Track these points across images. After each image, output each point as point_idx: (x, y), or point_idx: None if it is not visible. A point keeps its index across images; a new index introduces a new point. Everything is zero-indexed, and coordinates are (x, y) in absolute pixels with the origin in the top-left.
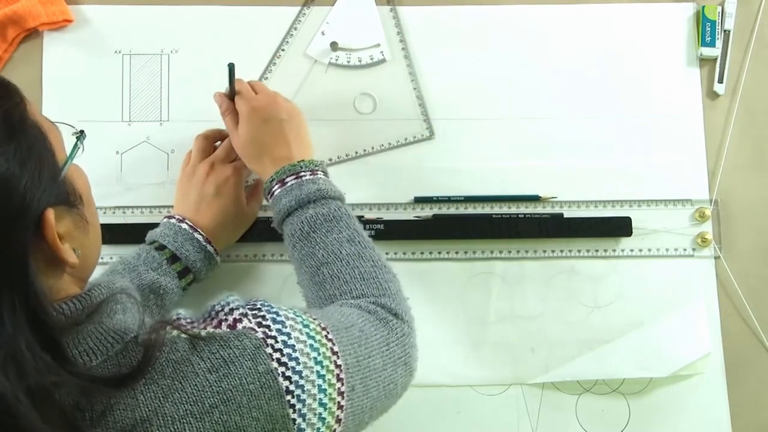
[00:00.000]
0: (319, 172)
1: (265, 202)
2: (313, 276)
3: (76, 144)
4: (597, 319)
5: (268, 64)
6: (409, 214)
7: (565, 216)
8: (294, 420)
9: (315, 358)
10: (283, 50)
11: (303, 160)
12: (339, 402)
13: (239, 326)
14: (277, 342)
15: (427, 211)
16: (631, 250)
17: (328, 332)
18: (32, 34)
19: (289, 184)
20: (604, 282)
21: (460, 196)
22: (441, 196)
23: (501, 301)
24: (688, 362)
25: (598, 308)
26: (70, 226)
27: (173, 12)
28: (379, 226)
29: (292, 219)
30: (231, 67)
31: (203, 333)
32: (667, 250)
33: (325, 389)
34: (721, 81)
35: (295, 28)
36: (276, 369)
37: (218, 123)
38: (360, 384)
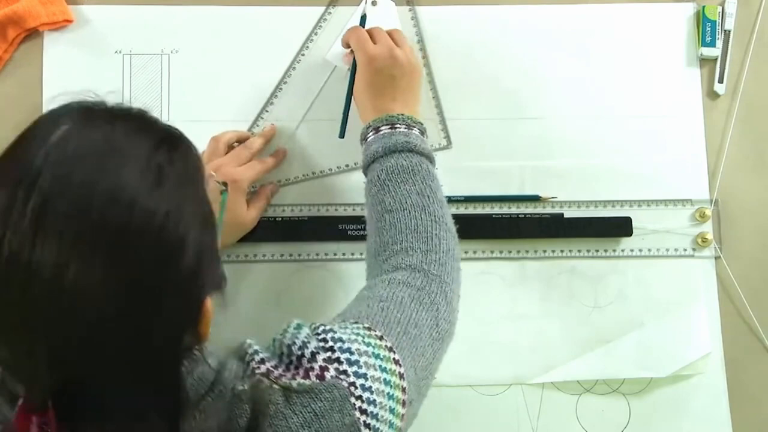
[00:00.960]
0: (415, 129)
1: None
2: (377, 222)
3: (223, 203)
4: (597, 319)
5: (288, 69)
6: None
7: (565, 216)
8: None
9: (388, 394)
10: (303, 55)
11: (403, 114)
12: (402, 415)
13: (327, 376)
14: (356, 388)
15: None
16: (632, 250)
17: (394, 353)
18: (32, 34)
19: (382, 132)
20: (604, 282)
21: (460, 196)
22: None
23: (501, 301)
24: (688, 362)
25: (598, 308)
26: (213, 305)
27: (173, 12)
28: None
29: (374, 165)
30: (363, 18)
31: (295, 384)
32: (667, 250)
33: (393, 422)
34: (721, 81)
35: (316, 33)
36: (359, 419)
37: (217, 123)
38: (416, 394)
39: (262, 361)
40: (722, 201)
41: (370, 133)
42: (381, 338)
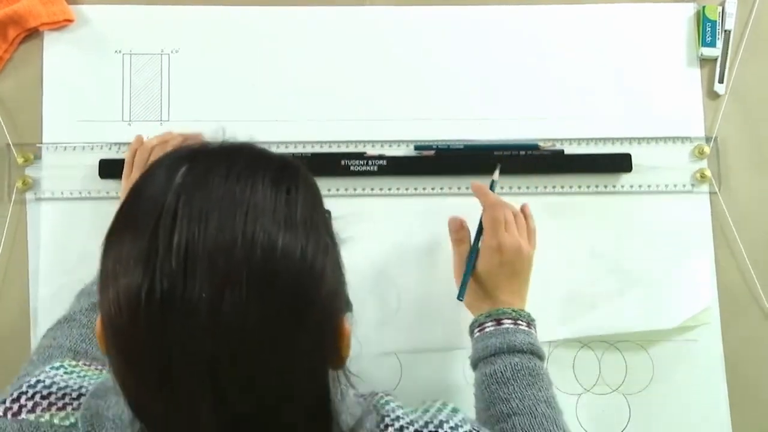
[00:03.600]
0: (533, 328)
1: None
2: (500, 422)
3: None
4: (598, 260)
5: None
6: (411, 151)
7: (565, 152)
8: None
9: None
10: None
11: (523, 311)
12: None
13: None
14: None
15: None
16: (631, 186)
17: None
18: (32, 34)
19: (504, 326)
20: (604, 217)
21: (459, 144)
22: (441, 145)
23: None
24: (691, 314)
25: (597, 247)
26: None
27: (173, 12)
28: (381, 161)
29: (494, 360)
30: (492, 184)
31: None
32: (666, 186)
33: None
34: (721, 81)
35: None
36: None
37: (217, 123)
38: None
39: (398, 419)
40: (721, 138)
41: (490, 324)
42: None
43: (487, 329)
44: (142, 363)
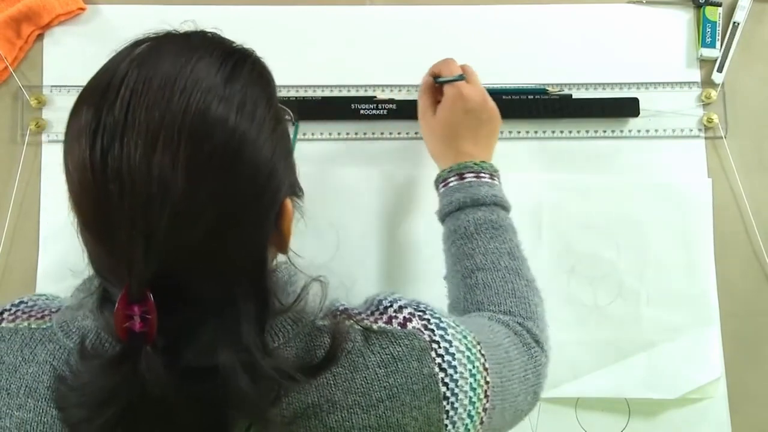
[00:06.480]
0: (496, 179)
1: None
2: (465, 277)
3: (296, 131)
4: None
5: None
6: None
7: (573, 97)
8: (446, 426)
9: (470, 371)
10: None
11: (486, 162)
12: (482, 417)
13: (409, 326)
14: (440, 347)
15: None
16: (638, 131)
17: (481, 347)
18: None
19: (467, 180)
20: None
21: None
22: None
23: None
24: (697, 385)
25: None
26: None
27: (173, 12)
28: (391, 105)
29: (459, 215)
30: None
31: (375, 327)
32: (673, 131)
33: (474, 402)
34: (720, 71)
35: None
36: (437, 374)
37: None
38: (499, 405)
39: (347, 309)
40: (728, 83)
41: (453, 178)
42: (471, 332)
43: (451, 184)
44: (90, 215)
